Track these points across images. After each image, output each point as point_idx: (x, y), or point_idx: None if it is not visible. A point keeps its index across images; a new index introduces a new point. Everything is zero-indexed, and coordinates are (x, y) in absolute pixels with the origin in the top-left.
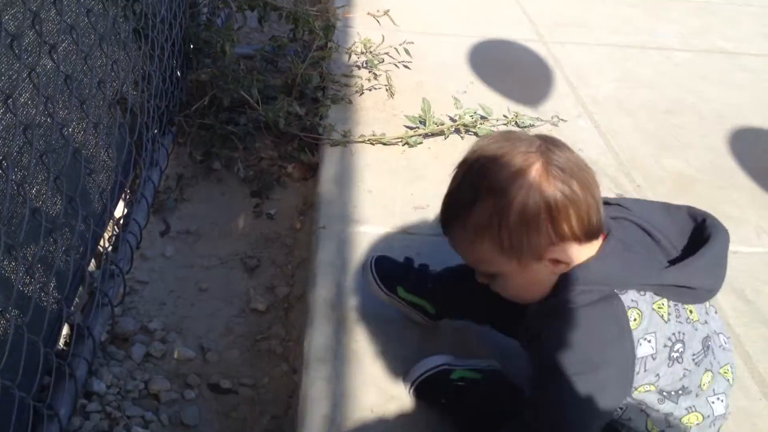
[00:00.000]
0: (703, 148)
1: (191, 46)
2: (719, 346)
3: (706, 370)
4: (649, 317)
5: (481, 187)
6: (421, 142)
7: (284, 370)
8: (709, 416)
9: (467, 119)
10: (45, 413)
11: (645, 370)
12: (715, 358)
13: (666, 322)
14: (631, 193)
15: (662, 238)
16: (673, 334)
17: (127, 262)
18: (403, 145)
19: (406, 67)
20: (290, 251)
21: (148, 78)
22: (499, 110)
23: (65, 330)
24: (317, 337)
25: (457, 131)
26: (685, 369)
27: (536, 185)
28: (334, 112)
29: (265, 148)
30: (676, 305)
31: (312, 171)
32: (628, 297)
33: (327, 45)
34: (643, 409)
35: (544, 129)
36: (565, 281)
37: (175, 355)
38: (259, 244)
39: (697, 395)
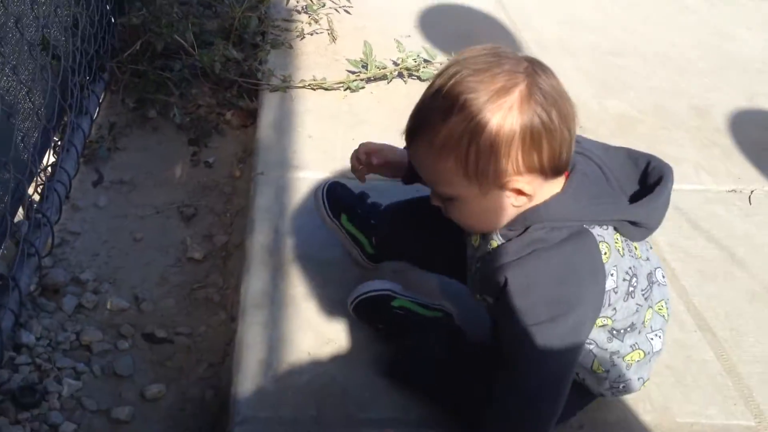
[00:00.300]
0: (646, 89)
1: None
2: (656, 283)
3: (649, 307)
4: (614, 251)
5: (458, 101)
6: (363, 87)
7: (222, 318)
8: (649, 353)
9: (410, 63)
10: None
11: (608, 305)
12: (652, 294)
13: (622, 257)
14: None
15: (612, 176)
16: (630, 268)
17: (55, 212)
18: (344, 90)
19: (347, 11)
20: (229, 199)
21: (74, 20)
22: (443, 54)
23: None
24: (254, 283)
25: (401, 75)
26: (637, 304)
27: (516, 108)
28: (273, 57)
29: (202, 95)
30: (626, 241)
31: (251, 118)
32: (596, 231)
33: None
34: (591, 349)
35: None
36: (531, 219)
37: (108, 306)
38: (197, 192)
39: (639, 332)
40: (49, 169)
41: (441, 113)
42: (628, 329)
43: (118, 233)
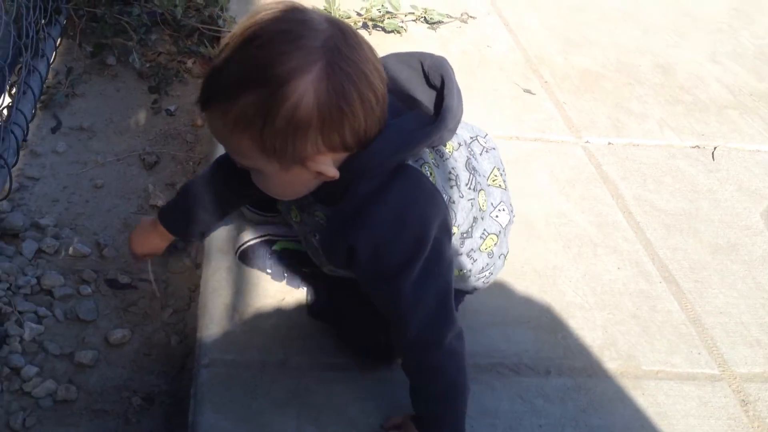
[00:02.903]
0: (610, 44)
1: None
2: (480, 153)
3: (480, 190)
4: (434, 167)
5: (251, 76)
6: None
7: (187, 265)
8: (500, 231)
9: (374, 13)
10: None
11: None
12: (480, 175)
13: (438, 167)
14: (539, 89)
15: (404, 94)
16: (449, 172)
17: (13, 154)
18: None
19: None
20: (191, 148)
21: None
22: (407, 4)
23: None
24: (219, 229)
25: (365, 26)
26: (469, 200)
27: (313, 89)
28: (235, 4)
29: (162, 43)
30: (435, 149)
31: None
32: (410, 161)
33: None
34: None
35: (453, 26)
36: (346, 177)
37: (70, 251)
38: (159, 140)
39: (483, 219)
40: (5, 111)
41: (234, 87)
42: (473, 224)
43: (78, 180)
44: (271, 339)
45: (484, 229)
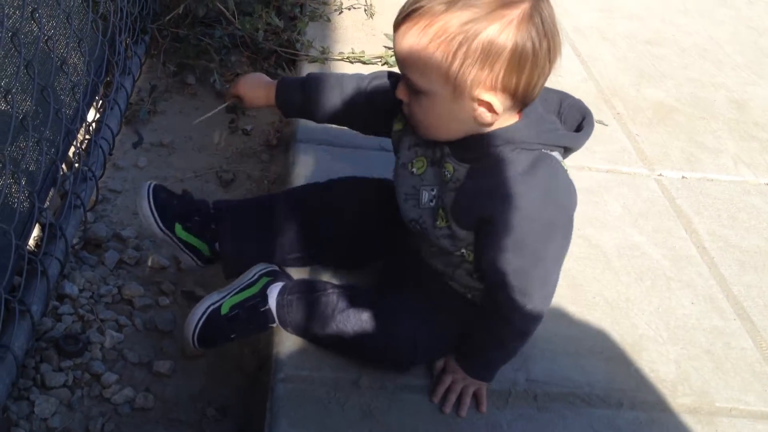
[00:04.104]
0: (684, 79)
1: None
2: None
3: None
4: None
5: None
6: None
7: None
8: None
9: None
10: (17, 308)
11: None
12: None
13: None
14: (611, 120)
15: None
16: None
17: (99, 167)
18: (382, 65)
19: None
20: (266, 167)
21: None
22: None
23: (36, 232)
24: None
25: None
26: None
27: (515, 25)
28: (312, 29)
29: (241, 64)
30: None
31: None
32: (553, 154)
33: None
34: None
35: None
36: (497, 140)
37: (149, 263)
38: (235, 159)
39: None
40: (93, 125)
41: (445, 3)
42: None
43: None
44: (344, 358)
45: None
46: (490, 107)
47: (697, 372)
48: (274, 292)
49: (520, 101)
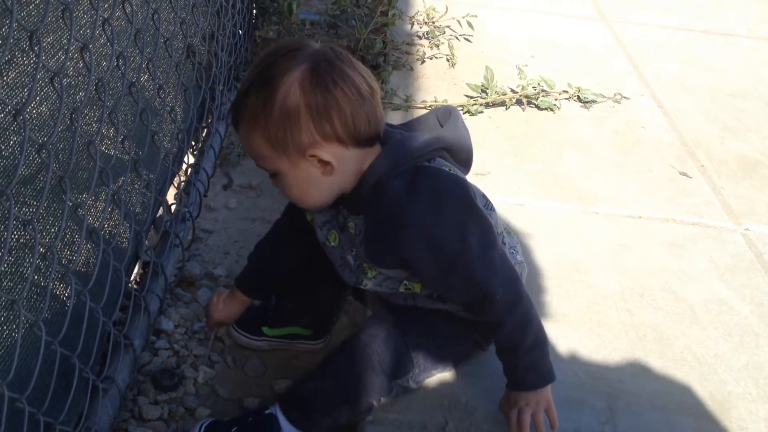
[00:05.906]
0: None
1: (258, 5)
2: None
3: (491, 211)
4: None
5: (255, 81)
6: (482, 111)
7: (344, 323)
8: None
9: (530, 90)
10: (122, 342)
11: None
12: (490, 209)
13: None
14: (695, 172)
15: None
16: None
17: (196, 208)
18: (464, 114)
19: (467, 39)
20: None
21: (222, 28)
22: (561, 84)
23: (136, 269)
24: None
25: (519, 102)
26: (491, 213)
27: (299, 82)
28: (395, 77)
29: None
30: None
31: None
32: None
33: (389, 12)
34: None
35: (606, 105)
36: (369, 179)
37: None
38: None
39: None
40: (189, 169)
41: (243, 93)
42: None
43: (246, 234)
44: (431, 403)
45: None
46: (323, 161)
47: None
48: None
49: (351, 142)
